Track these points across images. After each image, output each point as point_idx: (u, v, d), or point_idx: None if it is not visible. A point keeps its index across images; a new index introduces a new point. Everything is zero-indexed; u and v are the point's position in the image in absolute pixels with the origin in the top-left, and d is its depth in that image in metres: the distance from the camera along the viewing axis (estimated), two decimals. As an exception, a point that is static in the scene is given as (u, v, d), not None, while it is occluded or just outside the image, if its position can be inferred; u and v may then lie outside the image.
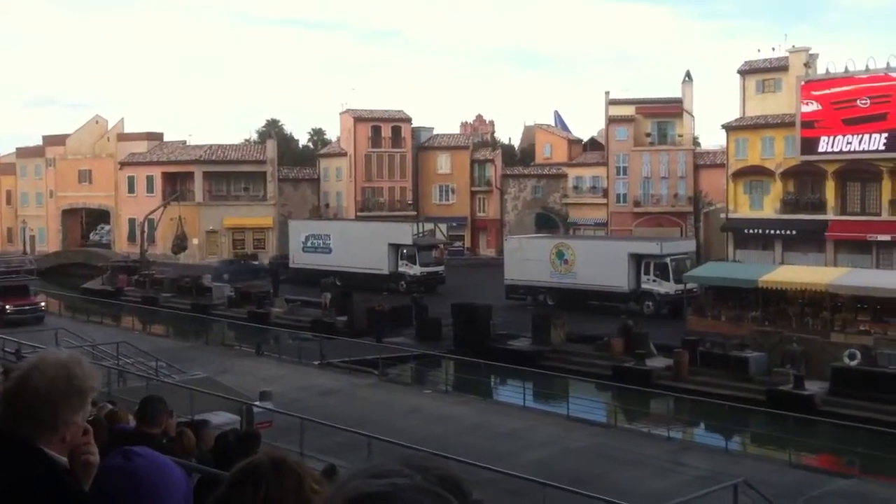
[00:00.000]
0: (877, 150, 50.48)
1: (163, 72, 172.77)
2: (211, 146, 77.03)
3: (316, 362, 33.95)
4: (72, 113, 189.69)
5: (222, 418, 17.95)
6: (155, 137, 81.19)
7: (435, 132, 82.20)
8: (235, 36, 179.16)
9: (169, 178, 74.92)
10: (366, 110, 78.46)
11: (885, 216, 50.84)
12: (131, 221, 75.17)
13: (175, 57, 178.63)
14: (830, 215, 52.79)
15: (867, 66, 51.02)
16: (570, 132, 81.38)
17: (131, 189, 77.58)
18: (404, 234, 55.97)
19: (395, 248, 55.40)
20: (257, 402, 21.61)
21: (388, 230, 57.50)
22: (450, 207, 76.84)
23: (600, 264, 45.90)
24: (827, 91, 52.40)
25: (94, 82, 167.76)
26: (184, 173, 74.69)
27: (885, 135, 50.02)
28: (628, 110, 68.62)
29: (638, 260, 45.75)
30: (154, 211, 66.20)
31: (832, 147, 52.04)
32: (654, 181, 67.50)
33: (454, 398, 29.18)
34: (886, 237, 49.87)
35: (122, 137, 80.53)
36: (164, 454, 2.84)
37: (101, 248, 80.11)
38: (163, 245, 70.05)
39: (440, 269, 56.19)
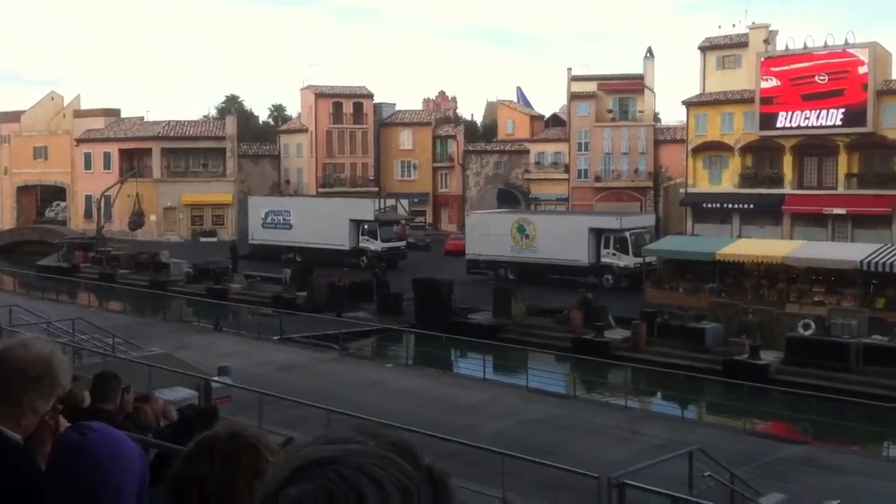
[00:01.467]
0: (834, 126, 51.20)
1: (120, 47, 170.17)
2: (169, 122, 76.06)
3: (275, 337, 33.79)
4: (29, 90, 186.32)
5: (181, 394, 17.79)
6: (112, 114, 79.97)
7: (397, 108, 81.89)
8: (194, 10, 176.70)
9: (126, 155, 73.91)
10: (327, 86, 77.87)
11: (840, 190, 51.66)
12: (88, 198, 74.10)
13: (133, 32, 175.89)
14: (787, 189, 53.52)
15: (825, 42, 51.64)
16: (532, 108, 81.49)
17: (88, 166, 76.43)
18: (366, 209, 55.80)
19: (357, 223, 55.24)
20: (216, 378, 21.45)
21: (349, 206, 57.31)
22: (412, 183, 76.69)
23: (561, 239, 46.18)
24: (786, 67, 52.99)
25: (51, 58, 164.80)
26: (141, 150, 73.72)
27: (843, 110, 50.73)
28: (590, 86, 68.82)
29: (598, 234, 46.07)
30: (111, 187, 65.24)
31: (790, 122, 52.69)
32: (615, 157, 67.88)
33: (415, 372, 29.22)
34: (842, 211, 50.70)
35: (79, 114, 79.23)
36: (119, 430, 2.80)
37: (56, 224, 78.89)
38: (120, 222, 69.15)
39: (402, 244, 56.14)
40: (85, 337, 27.49)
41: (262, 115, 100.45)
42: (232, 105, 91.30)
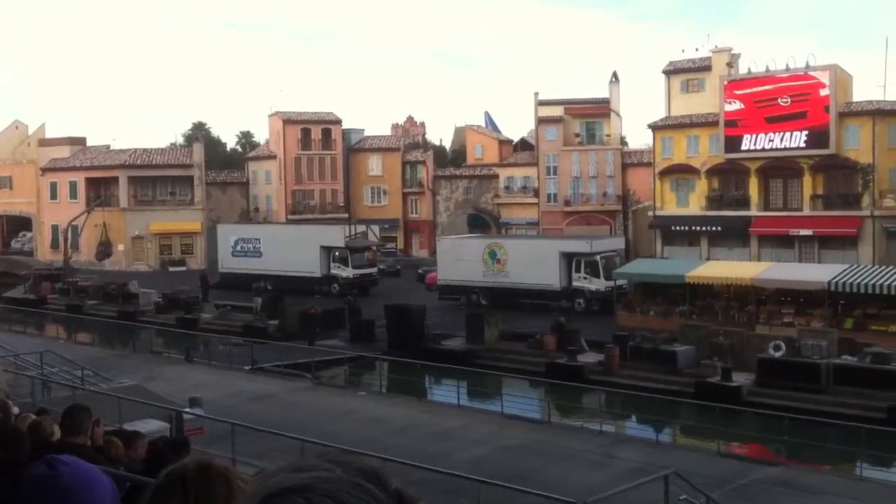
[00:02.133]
0: (798, 148, 51.91)
1: (86, 75, 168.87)
2: (136, 150, 75.49)
3: (247, 367, 33.50)
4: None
5: (152, 426, 17.59)
6: (77, 142, 79.23)
7: (366, 134, 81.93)
8: (160, 38, 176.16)
9: (93, 184, 73.22)
10: (295, 112, 77.79)
11: (806, 211, 52.30)
12: (54, 228, 73.22)
13: (98, 60, 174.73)
14: (754, 211, 54.10)
15: (787, 65, 52.47)
16: (500, 133, 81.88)
17: (54, 195, 75.62)
18: (336, 236, 55.64)
19: (327, 250, 55.06)
20: (187, 409, 21.23)
21: (319, 233, 57.13)
22: (382, 209, 76.66)
23: (532, 263, 46.33)
24: (749, 90, 53.72)
25: (14, 87, 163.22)
26: (108, 178, 73.08)
27: (806, 132, 51.48)
28: (557, 111, 69.33)
29: (569, 258, 46.27)
30: (77, 217, 64.59)
31: (755, 145, 53.36)
32: (583, 180, 68.33)
33: (389, 399, 29.08)
34: (808, 232, 51.31)
35: (44, 143, 78.41)
36: (90, 463, 2.75)
37: (23, 255, 77.82)
38: (87, 252, 68.41)
39: (373, 270, 56.03)
40: (54, 370, 27.11)
41: (230, 141, 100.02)
42: (199, 132, 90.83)
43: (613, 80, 69.36)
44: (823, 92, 51.04)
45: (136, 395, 22.67)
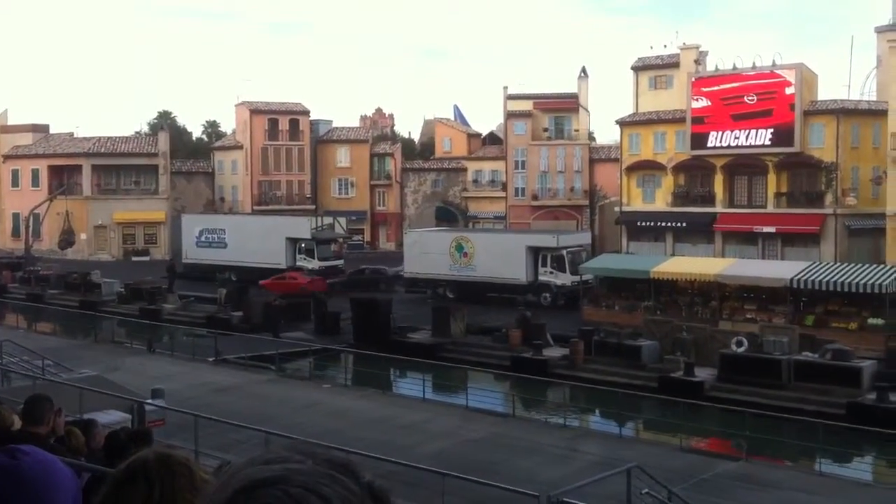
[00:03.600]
0: (763, 146, 52.43)
1: (49, 61, 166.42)
2: (100, 138, 74.53)
3: (210, 359, 33.25)
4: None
5: (113, 417, 17.36)
6: (40, 129, 78.11)
7: (334, 125, 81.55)
8: (126, 25, 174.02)
9: (55, 172, 72.22)
10: (262, 102, 77.20)
11: (770, 209, 52.85)
12: (15, 216, 72.19)
13: (62, 46, 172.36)
14: (719, 208, 54.58)
15: (754, 63, 52.91)
16: (469, 126, 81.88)
17: (15, 183, 74.52)
18: (302, 227, 55.36)
19: (293, 241, 54.76)
20: (149, 400, 21.00)
21: (285, 224, 56.81)
22: (349, 201, 76.38)
23: (499, 257, 46.42)
24: (716, 88, 54.13)
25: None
26: (71, 166, 72.13)
27: (771, 130, 51.99)
28: (526, 105, 69.47)
29: (535, 252, 46.41)
30: (39, 205, 63.70)
31: (721, 142, 53.80)
32: (551, 175, 68.55)
33: (354, 392, 29.01)
34: (771, 229, 51.85)
35: (6, 129, 77.20)
36: (51, 453, 2.69)
37: (-18, 244, 76.65)
38: (49, 240, 67.51)
39: (340, 262, 55.81)
40: (14, 359, 26.73)
41: (196, 131, 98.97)
42: (164, 121, 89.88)
43: (582, 75, 69.62)
44: (789, 90, 51.57)
45: (98, 385, 22.35)
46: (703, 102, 54.33)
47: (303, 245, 54.58)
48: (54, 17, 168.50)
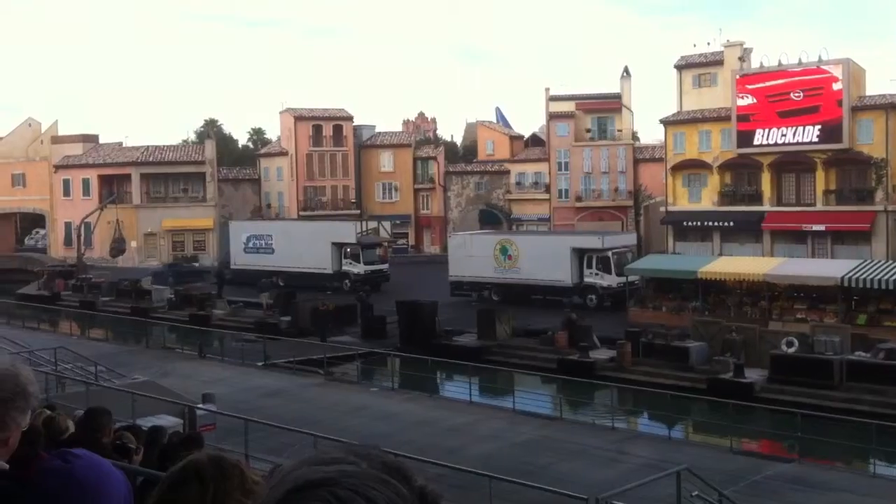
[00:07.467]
0: (810, 143, 51.63)
1: (97, 72, 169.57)
2: (148, 147, 75.79)
3: (259, 363, 33.61)
4: (4, 116, 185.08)
5: (165, 422, 17.67)
6: (90, 139, 79.57)
7: (377, 130, 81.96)
8: (172, 34, 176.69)
9: (105, 181, 73.57)
10: (306, 109, 77.89)
11: (819, 206, 52.04)
12: (67, 225, 73.58)
13: (110, 56, 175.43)
14: (766, 206, 53.86)
15: (800, 59, 52.16)
16: (511, 128, 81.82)
17: (67, 192, 75.96)
18: (348, 232, 55.75)
19: (339, 246, 55.17)
20: (200, 405, 21.33)
21: (331, 229, 57.23)
22: (393, 205, 76.68)
23: (544, 259, 46.27)
24: (761, 85, 53.43)
25: (26, 84, 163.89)
26: (120, 175, 73.42)
27: (818, 127, 51.19)
28: (568, 106, 69.19)
29: (580, 254, 46.19)
30: (90, 214, 64.85)
31: (767, 140, 53.09)
32: (594, 176, 68.20)
33: (400, 395, 29.11)
34: (821, 227, 51.04)
35: (57, 140, 78.73)
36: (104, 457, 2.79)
37: (36, 252, 78.24)
38: (100, 248, 68.68)
39: (385, 266, 56.08)
40: (67, 366, 27.32)
41: (242, 138, 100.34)
42: (211, 129, 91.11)
43: (625, 75, 69.18)
44: (836, 86, 50.74)
45: (150, 391, 22.77)
46: (748, 100, 53.65)
47: (348, 250, 54.96)
48: (102, 28, 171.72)
